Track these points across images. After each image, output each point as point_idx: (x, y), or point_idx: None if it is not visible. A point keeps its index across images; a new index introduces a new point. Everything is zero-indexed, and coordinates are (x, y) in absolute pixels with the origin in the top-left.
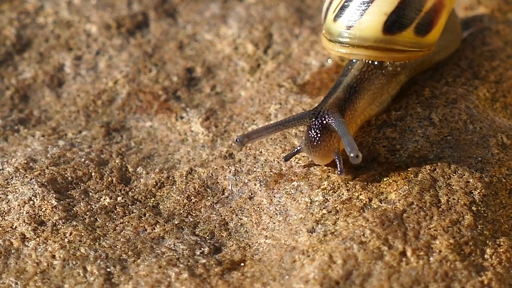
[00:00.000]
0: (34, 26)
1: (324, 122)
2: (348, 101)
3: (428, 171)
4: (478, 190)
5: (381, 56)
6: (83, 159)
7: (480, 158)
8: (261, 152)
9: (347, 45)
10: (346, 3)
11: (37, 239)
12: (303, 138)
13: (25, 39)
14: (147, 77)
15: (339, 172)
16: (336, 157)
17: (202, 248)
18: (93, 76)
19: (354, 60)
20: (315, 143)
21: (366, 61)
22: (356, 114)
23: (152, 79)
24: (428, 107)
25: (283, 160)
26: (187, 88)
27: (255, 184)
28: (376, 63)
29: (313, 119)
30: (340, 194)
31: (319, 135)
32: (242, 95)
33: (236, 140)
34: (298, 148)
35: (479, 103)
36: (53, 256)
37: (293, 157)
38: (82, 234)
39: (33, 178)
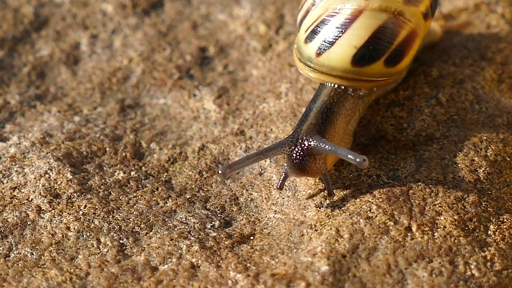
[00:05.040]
0: (51, 5)
1: (305, 146)
2: (324, 125)
3: (435, 149)
4: (483, 168)
5: (349, 84)
6: (98, 135)
7: (485, 137)
8: (271, 129)
9: (315, 71)
10: (318, 27)
11: (53, 211)
12: (285, 165)
13: (43, 18)
14: (161, 56)
15: (328, 195)
16: (324, 179)
17: (213, 222)
18: (108, 54)
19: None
20: (300, 169)
21: (334, 85)
22: (336, 135)
23: (166, 58)
24: (435, 87)
25: (277, 188)
26: (200, 67)
27: (265, 161)
28: (343, 87)
29: (293, 147)
30: (349, 171)
31: (303, 161)
32: (254, 74)
33: (219, 172)
34: (284, 174)
35: (485, 84)
36: (68, 228)
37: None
38: (96, 207)
39: (49, 152)
